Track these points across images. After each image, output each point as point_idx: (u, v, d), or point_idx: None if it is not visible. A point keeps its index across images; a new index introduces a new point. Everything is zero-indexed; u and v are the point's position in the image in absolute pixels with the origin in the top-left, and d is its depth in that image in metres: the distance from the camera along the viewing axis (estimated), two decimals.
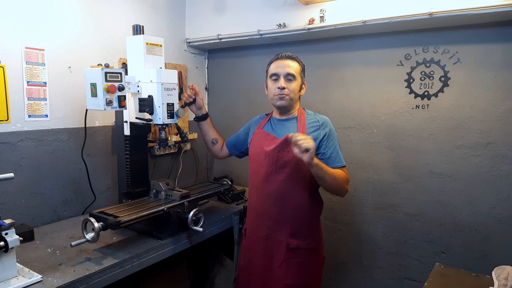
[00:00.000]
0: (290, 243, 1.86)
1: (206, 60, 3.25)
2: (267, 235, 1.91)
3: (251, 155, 2.02)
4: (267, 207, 1.90)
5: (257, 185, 1.94)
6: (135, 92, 1.97)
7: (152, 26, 2.69)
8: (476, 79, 2.18)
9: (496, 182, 2.17)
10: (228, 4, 2.77)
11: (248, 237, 2.03)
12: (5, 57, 1.91)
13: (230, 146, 2.24)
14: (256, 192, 1.96)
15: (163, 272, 2.33)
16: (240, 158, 2.30)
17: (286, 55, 1.92)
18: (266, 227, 1.91)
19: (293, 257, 1.88)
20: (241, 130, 2.23)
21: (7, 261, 1.41)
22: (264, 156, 1.89)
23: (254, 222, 1.98)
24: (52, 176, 2.15)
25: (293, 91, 1.88)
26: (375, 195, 2.56)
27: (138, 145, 2.15)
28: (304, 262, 1.89)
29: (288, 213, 1.87)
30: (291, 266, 1.88)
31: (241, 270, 2.07)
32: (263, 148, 1.90)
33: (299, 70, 1.91)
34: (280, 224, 1.88)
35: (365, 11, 2.18)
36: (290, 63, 1.88)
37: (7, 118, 1.94)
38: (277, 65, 1.90)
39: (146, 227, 1.97)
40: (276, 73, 1.88)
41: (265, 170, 1.88)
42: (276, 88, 1.88)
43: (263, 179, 1.89)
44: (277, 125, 1.97)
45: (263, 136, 1.97)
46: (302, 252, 1.88)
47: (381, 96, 2.48)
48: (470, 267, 2.19)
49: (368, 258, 2.63)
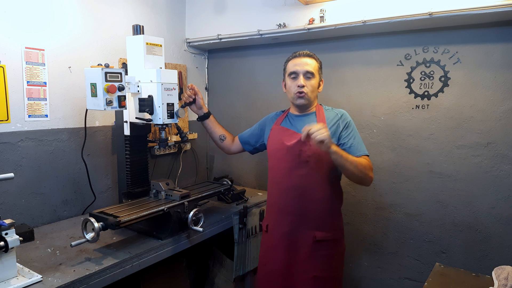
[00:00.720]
0: (317, 236, 1.88)
1: (206, 60, 3.25)
2: (291, 230, 1.92)
3: (270, 151, 2.03)
4: (290, 202, 1.91)
5: (278, 181, 1.95)
6: (135, 92, 1.97)
7: (152, 26, 2.69)
8: (476, 79, 2.18)
9: (496, 182, 2.17)
10: (228, 4, 2.77)
11: (270, 233, 2.03)
12: (5, 57, 1.91)
13: (243, 141, 2.25)
14: (277, 188, 1.97)
15: (163, 272, 2.33)
16: (252, 154, 2.31)
17: (304, 53, 1.93)
18: (289, 222, 1.92)
19: (319, 250, 1.89)
20: (255, 126, 2.24)
21: (7, 261, 1.41)
22: (285, 151, 1.90)
23: (276, 218, 1.99)
24: (52, 176, 2.15)
25: (312, 89, 1.90)
26: (375, 195, 2.56)
27: (138, 145, 2.15)
28: (329, 254, 1.92)
29: (311, 207, 1.89)
30: (318, 258, 1.89)
31: (262, 266, 2.07)
32: (284, 143, 1.91)
33: (317, 67, 1.93)
34: (304, 218, 1.90)
35: (365, 11, 2.18)
36: (308, 61, 1.90)
37: (7, 118, 1.94)
38: (295, 63, 1.91)
39: (146, 227, 1.97)
40: (295, 71, 1.90)
41: (287, 165, 1.90)
42: (295, 86, 1.89)
43: (285, 174, 1.91)
44: (296, 121, 1.98)
45: (282, 132, 1.98)
46: (327, 243, 1.91)
47: (381, 96, 2.48)
48: (470, 267, 2.20)
49: (368, 258, 2.63)
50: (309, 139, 1.67)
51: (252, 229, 2.48)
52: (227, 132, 2.28)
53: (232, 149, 2.30)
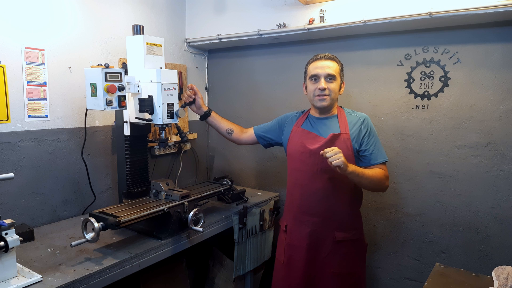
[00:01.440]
0: (337, 236, 1.92)
1: (206, 60, 3.25)
2: (312, 231, 1.95)
3: (292, 153, 2.04)
4: (313, 204, 1.94)
5: (302, 183, 1.97)
6: (135, 92, 1.97)
7: (152, 26, 2.69)
8: (476, 79, 2.18)
9: (496, 182, 2.17)
10: (228, 4, 2.77)
11: (290, 233, 2.05)
12: (5, 57, 1.91)
13: (258, 135, 2.25)
14: (299, 190, 1.99)
15: (163, 272, 2.34)
16: (265, 148, 2.33)
17: (325, 55, 1.94)
18: (311, 223, 1.95)
19: (339, 249, 1.94)
20: (273, 122, 2.23)
21: (7, 261, 1.41)
22: (308, 155, 1.92)
23: (296, 219, 2.01)
24: (52, 176, 2.15)
25: (334, 91, 1.91)
26: (375, 195, 2.55)
27: (138, 145, 2.15)
28: (349, 252, 1.96)
29: (335, 209, 1.92)
30: (338, 256, 1.94)
31: (281, 265, 2.09)
32: (307, 147, 1.93)
33: (339, 70, 1.94)
34: (326, 219, 1.93)
35: (365, 11, 2.18)
36: (329, 64, 1.90)
37: (7, 118, 1.94)
38: (316, 66, 1.92)
39: (146, 227, 1.97)
40: (316, 74, 1.90)
41: (310, 169, 1.92)
42: (316, 89, 1.90)
43: (309, 177, 1.93)
44: (317, 123, 2.00)
45: (303, 134, 1.99)
46: (347, 243, 1.95)
47: (381, 96, 2.48)
48: (470, 267, 2.20)
49: (368, 258, 2.62)
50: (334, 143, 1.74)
51: (252, 229, 2.48)
52: (233, 125, 2.29)
53: (243, 140, 2.30)
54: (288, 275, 2.03)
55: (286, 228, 2.08)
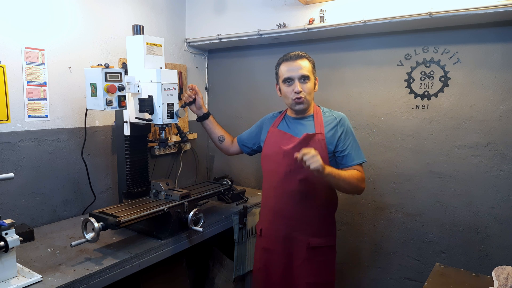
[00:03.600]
0: (311, 242, 1.86)
1: (206, 60, 3.25)
2: (287, 235, 1.90)
3: (267, 154, 1.99)
4: (287, 207, 1.89)
5: (275, 185, 1.92)
6: (135, 92, 1.97)
7: (152, 26, 2.69)
8: (476, 79, 2.18)
9: (496, 182, 2.17)
10: (228, 4, 2.77)
11: (265, 237, 2.00)
12: (5, 57, 1.91)
13: (241, 143, 2.22)
14: (273, 192, 1.94)
15: (163, 272, 2.33)
16: (250, 155, 2.28)
17: (295, 55, 1.86)
18: (285, 226, 1.90)
19: (314, 256, 1.88)
20: (253, 127, 2.20)
21: (7, 261, 1.41)
22: (282, 155, 1.87)
23: (272, 222, 1.96)
24: (52, 176, 2.15)
25: (309, 92, 1.86)
26: (375, 195, 2.56)
27: (138, 145, 2.15)
28: (324, 260, 1.91)
29: (308, 212, 1.87)
30: (313, 264, 1.87)
31: (257, 271, 2.04)
32: (281, 147, 1.87)
33: (311, 68, 1.87)
34: (301, 223, 1.88)
35: (365, 11, 2.18)
36: (301, 63, 1.84)
37: (7, 118, 1.94)
38: (288, 67, 1.85)
39: (146, 227, 1.97)
40: (290, 76, 1.84)
41: (284, 169, 1.87)
42: (292, 92, 1.85)
43: (282, 178, 1.88)
44: (293, 124, 1.96)
45: (279, 135, 1.95)
46: (322, 250, 1.89)
47: (381, 96, 2.48)
48: (470, 267, 2.20)
49: (368, 258, 2.63)
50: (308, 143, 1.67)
51: (252, 229, 2.48)
52: (226, 133, 2.26)
53: (231, 151, 2.28)
54: (266, 280, 1.98)
55: (261, 233, 2.02)
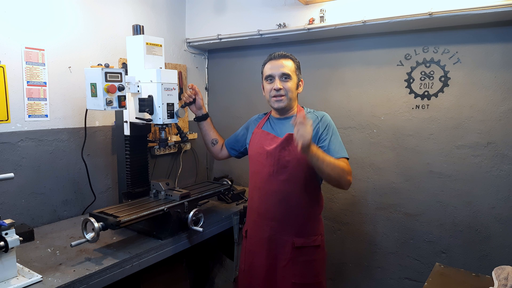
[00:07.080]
0: (296, 242, 1.85)
1: (206, 60, 3.25)
2: (271, 236, 1.89)
3: (252, 155, 2.00)
4: (270, 208, 1.88)
5: (259, 186, 1.92)
6: (135, 92, 1.97)
7: (152, 26, 2.69)
8: (476, 79, 2.18)
9: (496, 182, 2.17)
10: (228, 4, 2.77)
11: (250, 238, 2.00)
12: (5, 57, 1.91)
13: (229, 147, 2.22)
14: (258, 193, 1.94)
15: (163, 272, 2.33)
16: (239, 158, 2.28)
17: (279, 54, 1.88)
18: (269, 228, 1.89)
19: (299, 256, 1.86)
20: (239, 130, 2.20)
21: (7, 261, 1.41)
22: (265, 156, 1.87)
23: (256, 224, 1.96)
24: (52, 176, 2.15)
25: (290, 91, 1.85)
26: (375, 195, 2.56)
27: (138, 145, 2.15)
28: (310, 260, 1.88)
29: (292, 213, 1.86)
30: (298, 265, 1.86)
31: (242, 273, 2.04)
32: (264, 148, 1.88)
33: (294, 68, 1.88)
34: (284, 224, 1.87)
35: (365, 11, 2.18)
36: (284, 63, 1.85)
37: (7, 118, 1.94)
38: (271, 65, 1.87)
39: (146, 227, 1.97)
40: (271, 74, 1.86)
41: (267, 170, 1.86)
42: (272, 89, 1.85)
43: (265, 179, 1.87)
44: (276, 124, 1.96)
45: (263, 136, 1.95)
46: (307, 250, 1.88)
47: (381, 96, 2.48)
48: (470, 267, 2.20)
49: (368, 258, 2.63)
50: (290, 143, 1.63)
51: None
52: (220, 137, 2.26)
53: (220, 155, 2.27)
54: (251, 282, 1.96)
55: (246, 234, 2.02)
